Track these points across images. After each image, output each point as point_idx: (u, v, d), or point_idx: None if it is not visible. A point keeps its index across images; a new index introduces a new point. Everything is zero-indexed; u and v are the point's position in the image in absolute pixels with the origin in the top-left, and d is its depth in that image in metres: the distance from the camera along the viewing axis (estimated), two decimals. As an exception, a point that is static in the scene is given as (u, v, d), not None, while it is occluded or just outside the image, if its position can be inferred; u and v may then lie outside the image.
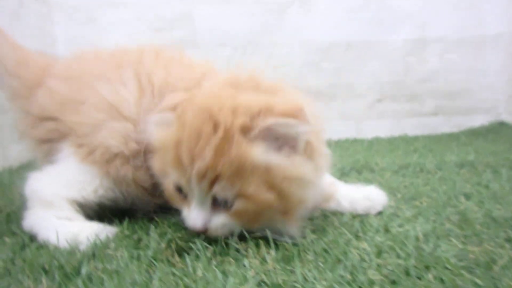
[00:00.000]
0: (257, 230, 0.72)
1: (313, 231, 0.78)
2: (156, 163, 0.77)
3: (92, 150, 0.85)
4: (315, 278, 0.57)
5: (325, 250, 0.69)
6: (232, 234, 0.71)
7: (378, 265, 0.61)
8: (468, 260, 0.63)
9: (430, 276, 0.58)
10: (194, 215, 0.70)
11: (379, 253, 0.66)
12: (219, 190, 0.67)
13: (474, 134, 2.51)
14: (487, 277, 0.57)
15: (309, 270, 0.60)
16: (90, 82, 0.90)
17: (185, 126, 0.68)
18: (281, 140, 0.68)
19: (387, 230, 0.78)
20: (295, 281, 0.57)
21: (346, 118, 2.82)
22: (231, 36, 2.70)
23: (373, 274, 0.58)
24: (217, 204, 0.69)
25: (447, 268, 0.60)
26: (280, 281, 0.57)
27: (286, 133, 0.67)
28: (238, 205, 0.68)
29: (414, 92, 2.82)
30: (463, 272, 0.59)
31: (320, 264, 0.63)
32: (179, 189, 0.72)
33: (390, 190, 1.10)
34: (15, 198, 1.11)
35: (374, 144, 2.32)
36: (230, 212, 0.69)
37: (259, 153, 0.66)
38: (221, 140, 0.65)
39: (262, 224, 0.71)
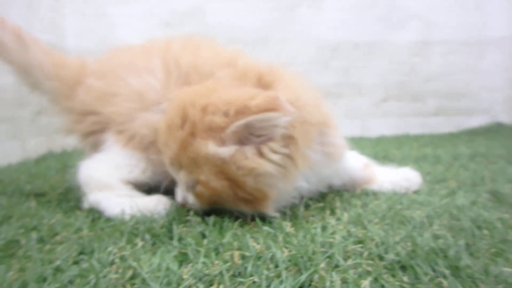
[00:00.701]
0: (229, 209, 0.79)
1: (366, 202, 0.87)
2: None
3: (131, 137, 0.93)
4: (387, 233, 0.66)
5: (385, 216, 0.77)
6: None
7: (439, 225, 0.71)
8: (511, 223, 0.73)
9: (484, 232, 0.67)
10: (177, 192, 0.83)
11: (437, 216, 0.75)
12: (183, 175, 0.77)
13: (474, 133, 2.61)
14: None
15: (380, 229, 0.69)
16: (121, 74, 0.97)
17: (165, 117, 0.78)
18: (256, 134, 0.70)
19: (431, 203, 0.87)
20: (371, 237, 0.65)
21: (352, 117, 2.90)
22: (241, 32, 2.73)
23: (437, 230, 0.67)
24: (187, 185, 0.79)
25: (495, 227, 0.70)
26: (361, 235, 0.66)
27: (262, 127, 0.69)
28: (198, 189, 0.76)
29: (418, 92, 2.91)
30: (510, 231, 0.68)
31: (387, 224, 0.72)
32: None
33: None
34: (53, 184, 1.20)
35: (381, 141, 2.41)
36: (194, 194, 0.78)
37: (218, 148, 0.70)
38: (186, 135, 0.73)
39: (226, 206, 0.78)
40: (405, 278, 0.52)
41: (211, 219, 0.76)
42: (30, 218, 0.84)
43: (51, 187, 1.18)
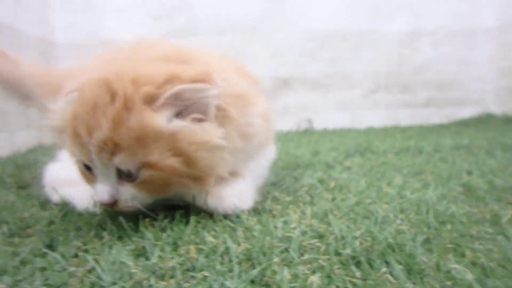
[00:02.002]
0: (170, 199, 0.73)
1: (335, 197, 0.88)
2: (65, 144, 0.74)
3: None
4: (348, 228, 0.66)
5: (351, 210, 0.78)
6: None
7: (402, 219, 0.71)
8: (477, 217, 0.73)
9: (448, 227, 0.67)
10: (100, 189, 0.68)
11: (401, 211, 0.76)
12: (121, 160, 0.65)
13: (464, 124, 2.62)
14: (496, 227, 0.67)
15: (343, 223, 0.69)
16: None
17: (82, 100, 0.67)
18: (189, 106, 0.67)
19: (402, 196, 0.87)
20: (332, 232, 0.65)
21: (341, 108, 2.91)
22: (230, 23, 2.73)
23: (399, 225, 0.68)
24: (122, 176, 0.68)
25: (461, 222, 0.70)
26: (321, 230, 0.66)
27: (194, 98, 0.67)
28: (144, 175, 0.66)
29: (407, 83, 2.91)
30: (474, 225, 0.69)
31: (351, 218, 0.72)
32: (87, 167, 0.70)
33: (395, 168, 1.21)
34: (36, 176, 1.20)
35: (370, 132, 2.42)
36: (136, 183, 0.67)
37: (162, 120, 0.65)
38: (120, 110, 0.64)
39: (172, 192, 0.72)
40: (358, 274, 0.52)
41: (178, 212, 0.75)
42: (5, 212, 0.84)
43: (34, 180, 1.18)
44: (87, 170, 0.71)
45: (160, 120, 0.65)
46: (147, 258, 0.57)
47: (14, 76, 1.10)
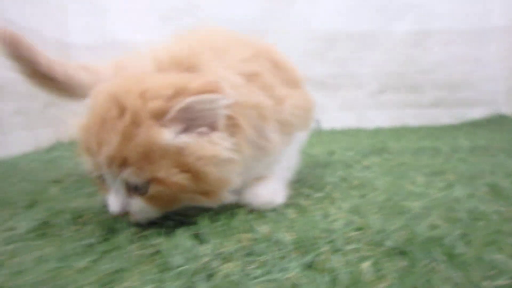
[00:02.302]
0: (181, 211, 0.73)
1: (364, 193, 0.92)
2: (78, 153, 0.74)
3: None
4: (385, 222, 0.71)
5: (383, 206, 0.82)
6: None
7: (435, 216, 0.75)
8: (507, 215, 0.77)
9: (481, 223, 0.71)
10: (111, 200, 0.69)
11: (432, 208, 0.79)
12: (128, 175, 0.65)
13: (475, 125, 2.64)
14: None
15: (378, 218, 0.73)
16: None
17: (93, 112, 0.68)
18: (198, 118, 0.67)
19: (428, 195, 0.91)
20: (370, 225, 0.69)
21: (348, 108, 2.94)
22: (238, 24, 2.76)
23: (433, 220, 0.72)
24: (131, 189, 0.68)
25: (492, 219, 0.74)
26: (360, 223, 0.70)
27: (203, 110, 0.66)
28: (152, 189, 0.66)
29: (416, 83, 2.93)
30: (506, 223, 0.72)
31: (385, 214, 0.76)
32: (100, 177, 0.71)
33: (415, 168, 1.24)
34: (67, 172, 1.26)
35: (379, 133, 2.44)
36: (145, 197, 0.67)
37: (169, 136, 0.65)
38: (128, 125, 0.64)
39: (182, 205, 0.71)
40: (402, 263, 0.56)
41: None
42: (56, 203, 0.89)
43: (66, 175, 1.23)
44: (100, 180, 0.71)
45: (168, 135, 0.64)
46: (206, 244, 0.61)
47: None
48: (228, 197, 0.73)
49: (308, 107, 0.95)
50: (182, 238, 0.63)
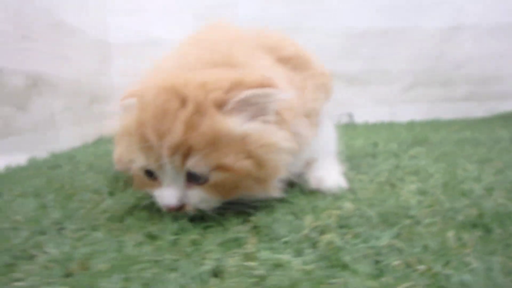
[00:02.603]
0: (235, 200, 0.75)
1: (424, 177, 1.00)
2: (121, 151, 0.79)
3: None
4: (453, 200, 0.79)
5: (446, 188, 0.90)
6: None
7: (497, 195, 0.82)
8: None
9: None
10: (168, 193, 0.71)
11: (492, 189, 0.87)
12: (193, 164, 0.67)
13: (507, 119, 2.67)
14: None
15: (445, 198, 0.82)
16: None
17: (148, 106, 0.69)
18: (256, 110, 0.70)
19: (483, 179, 0.98)
20: (441, 203, 0.78)
21: (380, 103, 3.01)
22: (272, 22, 2.83)
23: (497, 199, 0.79)
24: (191, 179, 0.70)
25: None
26: (430, 202, 0.78)
27: (260, 103, 0.70)
28: (215, 177, 0.68)
29: (448, 78, 2.98)
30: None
31: (450, 194, 0.84)
32: (149, 173, 0.73)
33: (461, 156, 1.31)
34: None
35: (414, 126, 2.50)
36: (207, 185, 0.70)
37: (234, 124, 0.68)
38: (192, 114, 0.66)
39: (239, 194, 0.74)
40: (479, 233, 0.64)
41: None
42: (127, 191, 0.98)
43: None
44: (149, 176, 0.73)
45: (232, 123, 0.68)
46: (301, 219, 0.70)
47: None
48: (275, 190, 0.78)
49: (325, 81, 0.99)
50: (280, 214, 0.72)
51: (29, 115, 1.69)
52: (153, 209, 0.79)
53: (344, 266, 0.54)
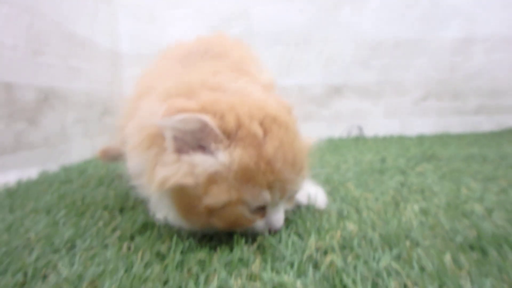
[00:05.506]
0: None
1: (426, 197, 1.02)
2: (226, 189, 0.66)
3: None
4: (454, 222, 0.81)
5: (448, 209, 0.92)
6: None
7: (497, 217, 0.84)
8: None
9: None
10: (279, 218, 0.75)
11: (493, 210, 0.89)
12: (303, 182, 0.77)
13: (516, 132, 2.69)
14: None
15: (447, 219, 0.84)
16: None
17: (270, 140, 0.67)
18: None
19: (486, 199, 1.00)
20: (441, 225, 0.80)
21: (392, 115, 3.02)
22: (285, 33, 2.90)
23: (496, 221, 0.81)
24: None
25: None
26: (431, 223, 0.80)
27: None
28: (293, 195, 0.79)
29: (459, 90, 3.00)
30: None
31: (451, 215, 0.86)
32: (259, 208, 0.71)
33: (467, 174, 1.33)
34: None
35: (423, 140, 2.52)
36: (289, 203, 0.79)
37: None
38: (296, 139, 0.72)
39: None
40: (475, 256, 0.66)
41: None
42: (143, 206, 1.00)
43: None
44: (257, 211, 0.72)
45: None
46: (305, 240, 0.72)
47: None
48: None
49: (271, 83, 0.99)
50: (285, 234, 0.74)
51: (40, 129, 1.74)
52: (161, 228, 0.82)
53: (344, 288, 0.56)
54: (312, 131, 0.82)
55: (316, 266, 0.64)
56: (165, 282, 0.60)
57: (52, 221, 0.92)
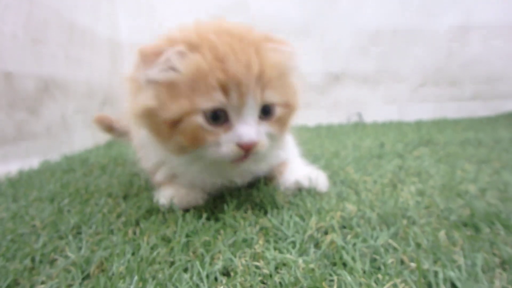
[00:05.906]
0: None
1: (423, 179, 1.04)
2: (180, 101, 0.69)
3: None
4: (448, 201, 0.83)
5: (443, 189, 0.94)
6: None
7: (490, 196, 0.87)
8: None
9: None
10: (248, 130, 0.70)
11: (486, 190, 0.92)
12: (270, 96, 0.71)
13: (510, 118, 2.71)
14: None
15: (442, 199, 0.86)
16: None
17: (215, 48, 0.69)
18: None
19: (480, 180, 1.03)
20: (436, 204, 0.82)
21: (390, 102, 3.05)
22: (284, 22, 2.90)
23: (489, 200, 0.84)
24: (260, 115, 0.73)
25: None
26: (427, 203, 0.83)
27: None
28: (279, 112, 0.74)
29: (456, 77, 3.03)
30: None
31: (447, 195, 0.89)
32: (215, 117, 0.70)
33: (463, 157, 1.36)
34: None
35: (421, 126, 2.54)
36: (272, 121, 0.74)
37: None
38: (258, 50, 0.71)
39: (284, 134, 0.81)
40: (468, 232, 0.69)
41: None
42: (147, 193, 1.03)
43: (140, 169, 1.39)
44: (214, 121, 0.70)
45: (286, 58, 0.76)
46: (306, 220, 0.75)
47: None
48: None
49: None
50: (287, 216, 0.77)
51: (41, 119, 1.73)
52: (166, 213, 0.85)
53: (343, 265, 0.59)
54: (312, 119, 0.83)
55: (317, 245, 0.67)
56: (172, 263, 0.63)
57: (56, 209, 0.94)
